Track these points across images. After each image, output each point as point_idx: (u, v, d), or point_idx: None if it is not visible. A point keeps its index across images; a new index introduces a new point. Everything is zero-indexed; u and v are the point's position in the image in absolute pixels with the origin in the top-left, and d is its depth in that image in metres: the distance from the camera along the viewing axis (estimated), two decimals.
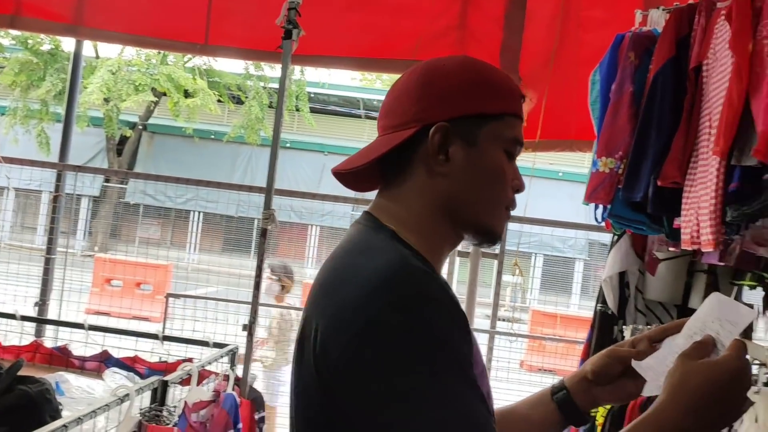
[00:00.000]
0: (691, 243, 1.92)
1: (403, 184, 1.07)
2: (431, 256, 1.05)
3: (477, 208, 1.07)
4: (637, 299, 3.10)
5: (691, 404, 0.95)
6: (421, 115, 1.04)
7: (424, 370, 0.89)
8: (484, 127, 1.05)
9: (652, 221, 2.40)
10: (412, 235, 1.04)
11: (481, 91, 1.06)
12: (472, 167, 1.05)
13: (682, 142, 1.97)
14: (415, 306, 0.93)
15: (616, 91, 2.30)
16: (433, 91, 1.05)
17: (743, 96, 1.61)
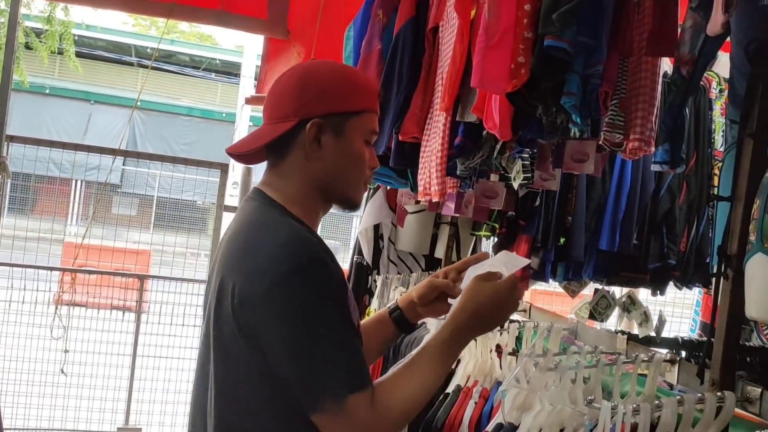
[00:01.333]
0: (424, 194, 2.05)
1: (286, 166, 1.37)
2: (310, 222, 1.37)
3: (343, 185, 1.39)
4: (390, 250, 3.28)
5: (477, 309, 1.35)
6: (299, 111, 1.33)
7: (320, 317, 1.23)
8: (349, 122, 1.35)
9: (398, 175, 2.53)
10: (296, 208, 1.35)
11: (348, 92, 1.36)
12: (339, 153, 1.35)
13: (420, 99, 2.08)
14: (310, 269, 1.25)
15: (366, 48, 2.37)
16: (310, 91, 1.34)
17: (464, 55, 1.73)
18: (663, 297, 3.38)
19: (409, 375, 1.31)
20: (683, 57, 1.42)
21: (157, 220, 9.77)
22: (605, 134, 1.61)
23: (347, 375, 1.23)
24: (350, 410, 1.22)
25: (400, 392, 1.28)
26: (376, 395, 1.25)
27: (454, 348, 1.35)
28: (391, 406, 1.26)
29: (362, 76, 1.46)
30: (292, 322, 1.23)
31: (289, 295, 1.23)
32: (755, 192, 1.22)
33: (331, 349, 1.22)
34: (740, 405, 1.29)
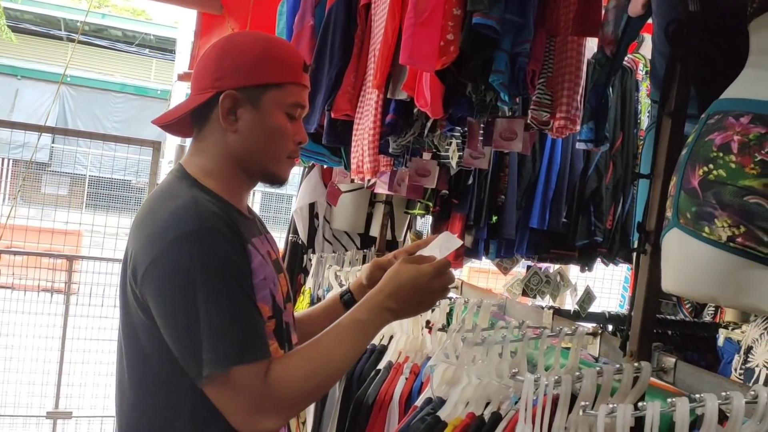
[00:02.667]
0: (356, 172, 2.04)
1: (205, 139, 1.35)
2: (230, 196, 1.34)
3: (263, 159, 1.35)
4: (325, 229, 3.27)
5: (395, 291, 1.32)
6: (216, 84, 1.30)
7: (205, 285, 1.18)
8: (266, 94, 1.31)
9: (332, 153, 2.51)
10: (212, 180, 1.33)
11: (266, 64, 1.31)
12: (257, 127, 1.32)
13: (352, 76, 2.07)
14: (198, 237, 1.21)
15: (298, 24, 2.33)
16: (227, 63, 1.31)
17: (396, 33, 1.72)
18: (594, 273, 3.49)
19: (312, 351, 1.28)
20: (607, 37, 1.45)
21: (89, 200, 9.50)
22: (532, 112, 1.63)
23: (232, 346, 1.18)
24: (237, 382, 1.18)
25: (298, 368, 1.24)
26: (272, 369, 1.21)
27: (368, 328, 1.32)
28: (286, 382, 1.21)
29: (286, 48, 1.39)
30: (174, 289, 1.20)
31: (173, 263, 1.20)
32: (673, 169, 1.25)
33: (214, 318, 1.18)
34: (656, 375, 1.34)
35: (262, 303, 1.28)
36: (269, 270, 1.32)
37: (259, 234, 1.40)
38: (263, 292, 1.28)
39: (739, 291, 1.11)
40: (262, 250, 1.33)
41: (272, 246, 1.44)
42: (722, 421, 1.04)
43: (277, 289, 1.34)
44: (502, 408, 1.45)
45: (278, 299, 1.33)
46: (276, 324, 1.31)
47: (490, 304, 1.90)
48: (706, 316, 3.15)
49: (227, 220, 1.26)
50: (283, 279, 1.41)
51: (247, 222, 1.37)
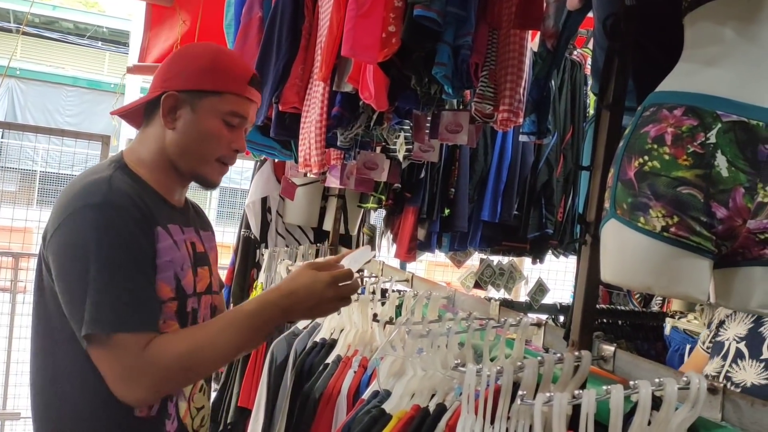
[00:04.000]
0: (304, 165, 2.02)
1: (148, 131, 1.45)
2: (159, 186, 1.43)
3: (193, 159, 1.43)
4: (278, 223, 3.24)
5: (290, 291, 1.37)
6: (164, 84, 1.42)
7: (98, 254, 1.24)
8: (204, 100, 1.41)
9: (282, 147, 2.49)
10: (144, 169, 1.42)
11: (211, 73, 1.41)
12: (191, 128, 1.41)
13: (300, 69, 2.05)
14: (99, 208, 1.27)
15: (246, 15, 2.30)
16: (176, 67, 1.43)
17: (341, 25, 1.71)
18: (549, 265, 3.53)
19: (195, 333, 1.33)
20: (548, 30, 1.46)
21: (40, 196, 9.27)
22: (476, 105, 1.64)
23: (115, 311, 1.24)
24: (115, 348, 1.24)
25: (177, 346, 1.28)
26: (154, 343, 1.26)
27: (255, 321, 1.35)
28: (161, 357, 1.26)
29: (235, 61, 1.48)
30: (70, 253, 1.27)
31: (74, 229, 1.27)
32: (611, 161, 1.27)
33: (102, 284, 1.24)
34: (596, 363, 1.36)
35: (163, 282, 1.34)
36: (179, 255, 1.39)
37: (186, 224, 1.48)
38: (166, 273, 1.35)
39: (672, 279, 1.13)
40: (177, 237, 1.41)
41: (203, 241, 1.53)
42: (658, 407, 1.06)
43: (185, 275, 1.40)
44: (447, 399, 1.46)
45: (186, 285, 1.40)
46: (178, 306, 1.38)
47: (439, 296, 1.91)
48: (655, 306, 3.22)
49: (138, 200, 1.34)
50: (205, 272, 1.49)
51: (171, 210, 1.45)
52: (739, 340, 1.86)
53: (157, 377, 1.26)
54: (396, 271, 2.51)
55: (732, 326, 1.92)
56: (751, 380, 1.77)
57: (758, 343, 1.82)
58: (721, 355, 1.89)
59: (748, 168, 1.07)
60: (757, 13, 1.12)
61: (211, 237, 1.63)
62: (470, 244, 3.02)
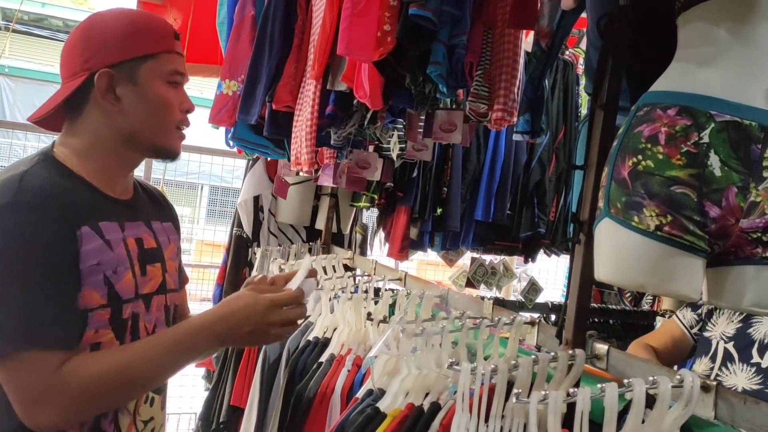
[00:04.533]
0: (295, 164, 2.02)
1: (82, 122, 1.29)
2: (97, 177, 1.29)
3: (151, 134, 1.32)
4: (270, 222, 3.24)
5: (227, 315, 1.26)
6: (87, 65, 1.26)
7: (7, 260, 1.12)
8: (142, 67, 1.28)
9: (275, 146, 2.49)
10: (78, 160, 1.28)
11: (135, 37, 1.28)
12: (140, 102, 1.29)
13: (293, 67, 2.05)
14: (11, 210, 1.14)
15: (239, 14, 2.30)
16: (93, 43, 1.27)
17: (335, 23, 1.71)
18: (541, 264, 3.55)
19: (120, 353, 1.21)
20: (542, 30, 1.47)
21: None
22: (470, 104, 1.64)
23: (23, 326, 1.12)
24: (24, 367, 1.11)
25: (98, 366, 1.17)
26: (70, 361, 1.15)
27: (186, 346, 1.25)
28: (78, 377, 1.14)
29: (152, 18, 1.36)
30: None
31: None
32: (605, 160, 1.28)
33: (8, 296, 1.12)
34: (590, 361, 1.36)
35: (90, 289, 1.21)
36: (110, 257, 1.24)
37: (130, 219, 1.34)
38: (93, 278, 1.21)
39: (665, 278, 1.14)
40: (111, 236, 1.26)
41: (156, 235, 1.40)
42: (651, 405, 1.06)
43: (120, 278, 1.26)
44: (441, 398, 1.46)
45: (122, 289, 1.26)
46: (112, 314, 1.24)
47: (432, 296, 1.91)
48: (645, 304, 3.23)
49: (60, 198, 1.20)
50: (156, 270, 1.36)
51: (110, 205, 1.30)
52: (727, 339, 1.87)
53: (69, 400, 1.13)
54: (389, 270, 2.52)
55: (720, 322, 1.93)
56: (742, 385, 1.78)
57: (747, 346, 1.83)
58: (709, 356, 1.90)
59: (740, 168, 1.08)
60: (751, 14, 1.13)
61: (171, 229, 1.48)
62: (463, 243, 3.03)
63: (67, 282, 1.17)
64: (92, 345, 1.21)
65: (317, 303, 2.24)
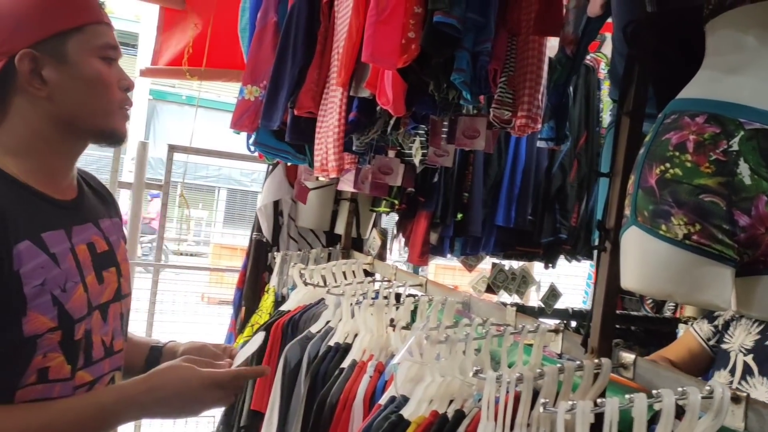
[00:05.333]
0: (321, 169, 2.03)
1: (9, 116, 1.14)
2: (36, 178, 1.14)
3: (89, 116, 1.17)
4: (290, 227, 3.25)
5: (157, 387, 1.16)
6: (3, 49, 1.10)
7: None
8: (68, 43, 1.13)
9: (296, 151, 2.49)
10: (13, 158, 1.13)
11: (54, 10, 1.12)
12: (71, 82, 1.14)
13: (316, 74, 2.06)
14: None
15: (261, 20, 2.31)
16: (6, 24, 1.11)
17: (360, 30, 1.71)
18: (558, 269, 3.52)
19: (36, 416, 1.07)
20: (567, 37, 1.46)
21: None
22: (494, 111, 1.64)
23: None
24: None
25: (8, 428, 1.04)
26: None
27: (109, 416, 1.13)
28: None
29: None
30: None
31: None
32: (631, 168, 1.27)
33: None
34: (616, 371, 1.35)
35: (35, 313, 1.07)
36: (58, 273, 1.11)
37: (79, 221, 1.21)
38: (39, 300, 1.07)
39: (693, 287, 1.13)
40: (58, 247, 1.13)
41: (106, 235, 1.27)
42: (680, 416, 1.05)
43: (71, 296, 1.13)
44: (466, 406, 1.46)
45: (73, 308, 1.13)
46: (63, 337, 1.11)
47: (454, 302, 1.91)
48: (667, 311, 3.21)
49: None
50: (111, 276, 1.25)
51: (53, 210, 1.16)
52: (746, 352, 1.85)
53: None
54: (410, 276, 2.51)
55: (737, 333, 1.91)
56: (763, 399, 1.75)
57: (766, 359, 1.80)
58: (728, 369, 1.87)
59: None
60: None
61: (118, 225, 1.32)
62: (483, 248, 3.02)
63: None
64: (39, 370, 1.09)
65: (337, 308, 2.25)
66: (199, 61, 4.08)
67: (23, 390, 1.08)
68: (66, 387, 1.13)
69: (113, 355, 1.25)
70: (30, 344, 1.07)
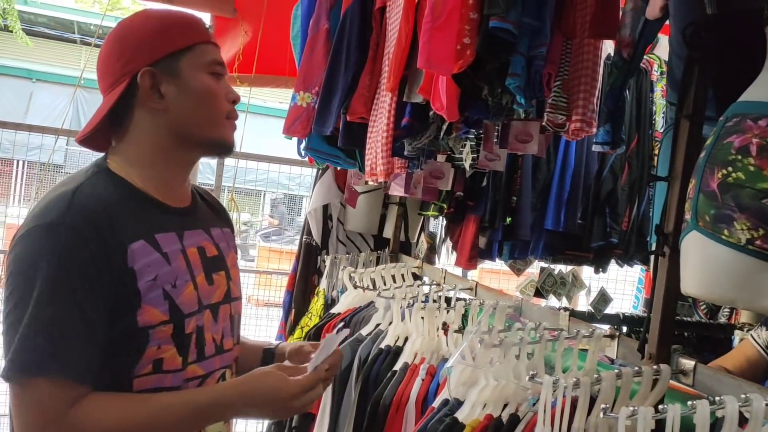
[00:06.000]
0: (371, 174, 2.05)
1: (131, 130, 1.27)
2: (153, 187, 1.27)
3: (200, 127, 1.28)
4: (339, 230, 3.28)
5: (249, 392, 1.23)
6: (127, 69, 1.24)
7: (40, 283, 1.09)
8: (181, 60, 1.26)
9: (347, 156, 2.52)
10: (134, 168, 1.26)
11: (168, 32, 1.26)
12: (184, 95, 1.26)
13: (368, 80, 2.08)
14: (51, 231, 1.13)
15: (313, 27, 2.34)
16: (128, 45, 1.25)
17: (410, 36, 1.73)
18: (606, 275, 3.48)
19: (136, 407, 1.16)
20: (624, 39, 1.45)
21: None
22: (548, 115, 1.63)
23: (37, 353, 1.08)
24: (32, 396, 1.08)
25: (106, 418, 1.12)
26: (82, 405, 1.11)
27: (202, 414, 1.21)
28: (86, 426, 1.10)
29: (178, 14, 1.32)
30: (13, 278, 1.13)
31: (21, 251, 1.14)
32: (691, 172, 1.25)
33: (33, 320, 1.09)
34: (675, 377, 1.34)
35: (149, 306, 1.18)
36: (168, 270, 1.22)
37: (190, 227, 1.31)
38: (152, 294, 1.18)
39: (757, 293, 1.11)
40: (170, 248, 1.24)
41: (216, 242, 1.37)
42: (742, 424, 1.04)
43: (181, 292, 1.23)
44: (520, 410, 1.46)
45: (183, 303, 1.23)
46: (174, 330, 1.22)
47: (505, 306, 1.91)
48: (722, 317, 3.14)
49: (109, 217, 1.17)
50: (221, 278, 1.34)
51: (167, 215, 1.28)
52: None
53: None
54: (459, 279, 2.52)
55: None
56: None
57: None
58: None
59: None
60: None
61: (230, 235, 1.44)
62: (532, 252, 3.00)
63: (93, 306, 1.13)
64: (154, 361, 1.19)
65: (387, 311, 2.26)
66: (249, 67, 4.15)
67: (139, 379, 1.19)
68: (177, 378, 1.24)
69: (223, 354, 1.35)
70: (143, 334, 1.18)
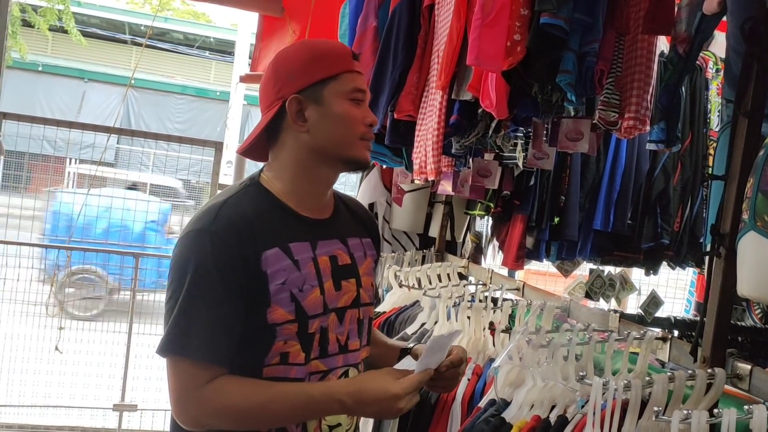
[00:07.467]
0: (419, 172, 2.04)
1: (279, 147, 1.44)
2: (295, 200, 1.43)
3: (337, 146, 1.42)
4: (385, 229, 3.28)
5: (358, 391, 1.33)
6: (279, 95, 1.41)
7: (180, 280, 1.31)
8: (325, 88, 1.40)
9: (393, 154, 2.52)
10: (279, 183, 1.43)
11: (316, 63, 1.41)
12: (324, 119, 1.40)
13: (415, 77, 2.07)
14: (195, 236, 1.33)
15: (361, 25, 2.35)
16: (282, 74, 1.42)
17: (461, 34, 1.72)
18: (657, 278, 3.41)
19: (258, 392, 1.33)
20: (680, 35, 1.42)
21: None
22: (600, 113, 1.60)
23: (182, 337, 1.30)
24: (174, 370, 1.31)
25: (232, 398, 1.31)
26: (216, 383, 1.31)
27: (315, 407, 1.35)
28: (216, 402, 1.30)
29: (330, 43, 1.48)
30: (172, 275, 1.34)
31: (179, 251, 1.35)
32: (749, 171, 1.22)
33: (182, 309, 1.30)
34: (730, 381, 1.30)
35: (277, 306, 1.34)
36: (297, 276, 1.37)
37: (325, 237, 1.45)
38: (280, 296, 1.35)
39: None
40: (301, 255, 1.39)
41: (351, 251, 1.49)
42: None
43: (307, 295, 1.38)
44: (568, 411, 1.44)
45: (309, 305, 1.38)
46: (299, 328, 1.36)
47: (553, 306, 1.88)
48: None
49: (249, 227, 1.35)
50: (350, 285, 1.46)
51: (303, 226, 1.43)
52: None
53: (202, 415, 1.31)
54: (506, 280, 2.50)
55: None
56: None
57: None
58: None
59: None
60: None
61: (369, 244, 1.58)
62: (580, 253, 2.96)
63: (236, 301, 1.32)
64: (281, 354, 1.35)
65: (433, 310, 2.26)
66: None
67: (269, 368, 1.35)
68: (301, 371, 1.37)
69: (347, 353, 1.46)
70: (271, 331, 1.34)
